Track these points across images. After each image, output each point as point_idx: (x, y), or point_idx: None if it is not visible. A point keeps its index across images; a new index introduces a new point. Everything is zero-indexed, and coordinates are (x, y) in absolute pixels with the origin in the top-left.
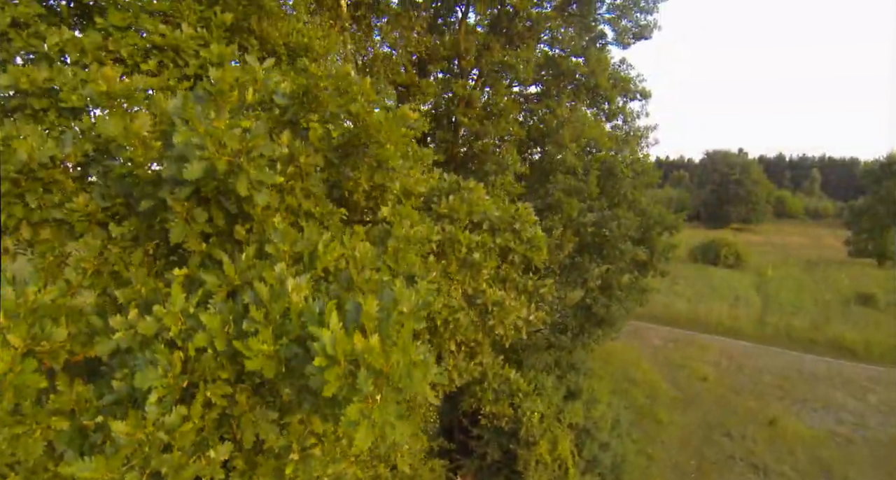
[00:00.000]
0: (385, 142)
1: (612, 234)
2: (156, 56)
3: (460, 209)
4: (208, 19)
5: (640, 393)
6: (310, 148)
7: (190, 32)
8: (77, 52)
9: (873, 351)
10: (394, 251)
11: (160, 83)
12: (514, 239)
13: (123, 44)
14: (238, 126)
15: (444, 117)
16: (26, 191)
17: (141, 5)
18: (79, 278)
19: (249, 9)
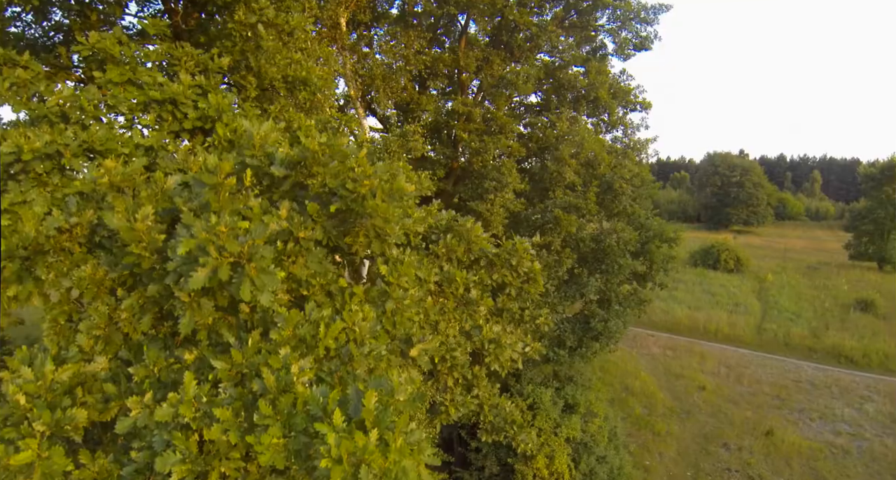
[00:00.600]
0: (383, 218)
1: (610, 249)
2: (154, 109)
3: (458, 248)
4: (205, 64)
5: (638, 403)
6: (308, 220)
7: (188, 80)
8: (77, 110)
9: (872, 360)
10: (391, 313)
11: (159, 139)
12: (510, 273)
13: (122, 99)
14: (239, 228)
15: (443, 132)
16: (35, 263)
17: (138, 58)
18: (90, 342)
19: (247, 46)
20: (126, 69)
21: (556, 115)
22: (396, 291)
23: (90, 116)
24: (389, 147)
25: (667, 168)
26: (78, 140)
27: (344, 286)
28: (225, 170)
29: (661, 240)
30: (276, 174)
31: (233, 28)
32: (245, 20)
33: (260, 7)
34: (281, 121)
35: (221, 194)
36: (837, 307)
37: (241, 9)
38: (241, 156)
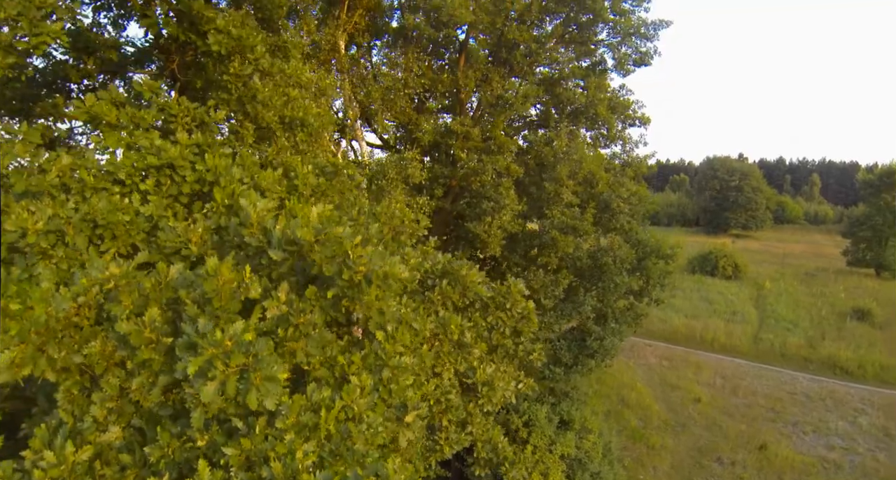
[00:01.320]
0: (378, 310)
1: (607, 267)
2: (153, 174)
3: (453, 295)
4: (202, 117)
5: (634, 415)
6: (307, 303)
7: (184, 139)
8: (77, 183)
9: (867, 371)
10: (387, 381)
11: (160, 206)
12: (504, 314)
13: (120, 165)
14: (244, 342)
15: (441, 151)
16: (47, 343)
17: (136, 121)
18: (104, 413)
19: (244, 95)
20: (125, 135)
21: (555, 132)
22: (393, 359)
23: (90, 189)
24: (387, 173)
25: (666, 170)
26: (80, 213)
27: (342, 361)
28: (224, 274)
29: (658, 257)
30: (274, 257)
31: (228, 80)
32: (240, 72)
33: (255, 57)
34: (278, 166)
35: (223, 294)
36: (834, 315)
37: (237, 59)
38: (240, 232)
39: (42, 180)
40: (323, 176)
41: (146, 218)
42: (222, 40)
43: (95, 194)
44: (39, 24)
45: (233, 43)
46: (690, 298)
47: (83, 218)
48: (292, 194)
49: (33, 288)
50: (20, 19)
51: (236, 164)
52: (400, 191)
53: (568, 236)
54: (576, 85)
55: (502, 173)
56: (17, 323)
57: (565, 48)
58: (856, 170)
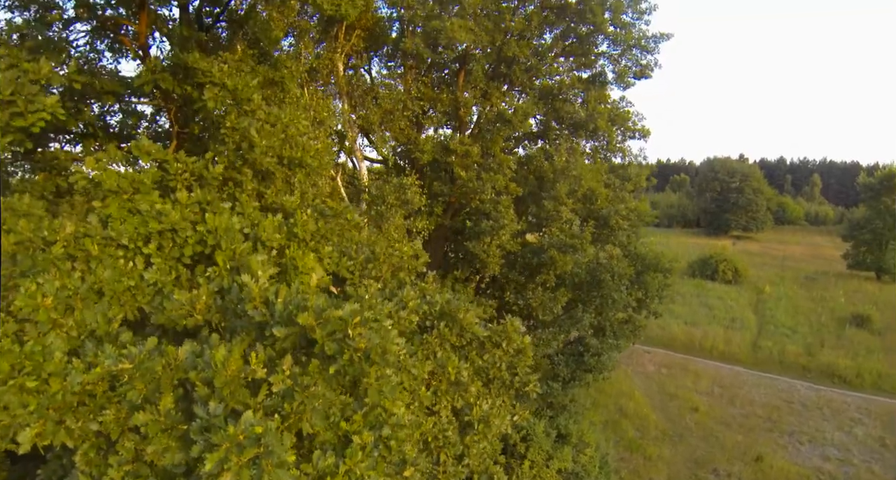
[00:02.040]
0: (378, 388)
1: (605, 283)
2: (155, 239)
3: (451, 337)
4: (200, 172)
5: (631, 425)
6: (310, 377)
7: (184, 198)
8: (81, 251)
9: (865, 379)
10: (387, 438)
11: (163, 271)
12: (500, 351)
13: (123, 230)
14: (255, 434)
15: (441, 168)
16: (64, 414)
17: (136, 186)
18: (120, 475)
19: (242, 145)
20: (125, 199)
21: (555, 146)
22: (392, 418)
23: (95, 259)
24: (387, 198)
25: (667, 170)
26: (87, 283)
27: (345, 427)
28: (232, 367)
29: (657, 270)
30: (277, 335)
31: (225, 133)
32: (237, 125)
33: (252, 109)
34: (278, 209)
35: (232, 382)
36: (833, 321)
37: (233, 112)
38: (243, 307)
39: (48, 255)
40: (322, 219)
41: (151, 285)
42: (218, 95)
43: (100, 263)
44: (36, 100)
45: (228, 96)
46: (690, 304)
47: (90, 288)
48: (292, 240)
49: (47, 361)
50: (15, 97)
51: (236, 213)
52: (400, 216)
53: (566, 255)
54: (576, 94)
55: (501, 192)
56: (34, 398)
57: (565, 58)
58: (857, 170)
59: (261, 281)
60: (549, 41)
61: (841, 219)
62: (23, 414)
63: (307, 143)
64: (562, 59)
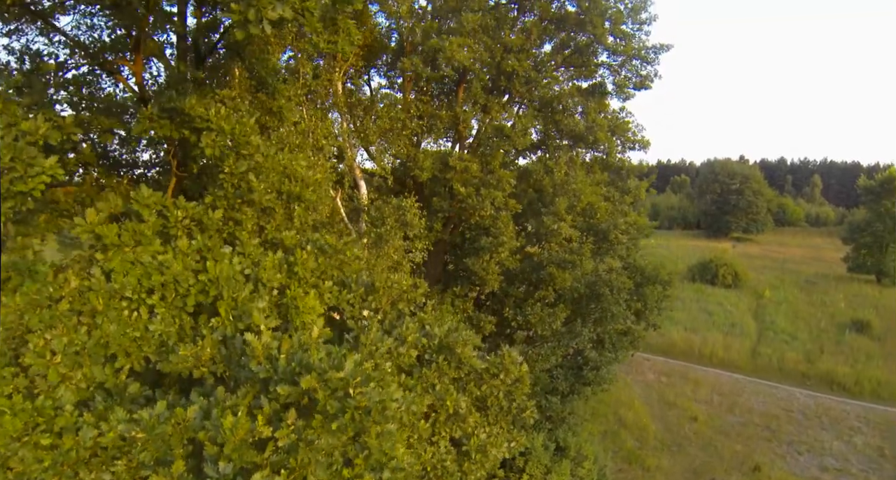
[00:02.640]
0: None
1: (604, 297)
2: (158, 290)
3: (449, 371)
4: (200, 217)
5: (630, 435)
6: (314, 431)
7: (185, 246)
8: (86, 305)
9: (864, 387)
10: None
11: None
12: (498, 381)
13: (126, 283)
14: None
15: (440, 184)
16: (78, 468)
17: (137, 239)
18: None
19: (242, 188)
20: (127, 252)
21: (554, 160)
22: (391, 462)
23: (101, 314)
24: (386, 221)
25: (667, 171)
26: (94, 338)
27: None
28: (240, 434)
29: (656, 282)
30: (281, 393)
31: (224, 178)
32: (235, 170)
33: (250, 153)
34: (278, 245)
35: (241, 445)
36: (833, 327)
37: (231, 157)
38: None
39: (55, 312)
40: (322, 255)
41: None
42: (216, 140)
43: (105, 317)
44: (35, 163)
45: (226, 141)
46: (689, 309)
47: (97, 342)
48: (292, 279)
49: (58, 416)
50: (15, 163)
51: (237, 253)
52: (399, 237)
53: (565, 271)
54: (575, 103)
55: (501, 207)
56: (48, 453)
57: (565, 67)
58: (858, 170)
59: (263, 337)
60: (548, 50)
61: (841, 220)
62: (38, 470)
63: (306, 175)
64: (562, 68)
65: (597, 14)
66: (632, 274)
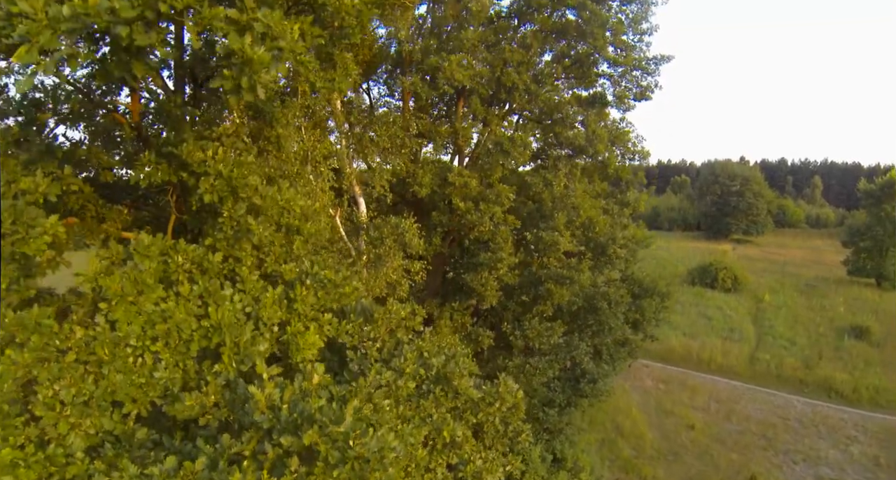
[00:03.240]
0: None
1: (602, 311)
2: (162, 337)
3: (446, 402)
4: (201, 261)
5: (627, 444)
6: (315, 478)
7: (186, 291)
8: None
9: (862, 395)
10: None
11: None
12: (494, 408)
13: (131, 332)
14: None
15: (440, 199)
16: None
17: (139, 288)
18: None
19: (241, 231)
20: (129, 302)
21: (554, 173)
22: None
23: (107, 365)
24: (385, 241)
25: (668, 171)
26: (100, 388)
27: None
28: None
29: (654, 294)
30: (284, 443)
31: (223, 222)
32: (234, 213)
33: (248, 195)
34: (277, 279)
35: None
36: (832, 332)
37: (229, 201)
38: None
39: (62, 364)
40: (322, 289)
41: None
42: (216, 185)
43: (112, 367)
44: (36, 223)
45: (224, 185)
46: (689, 313)
47: (104, 391)
48: (292, 314)
49: (70, 465)
50: (17, 226)
51: (237, 290)
52: (398, 259)
53: (563, 287)
54: (576, 112)
55: (500, 223)
56: None
57: (565, 75)
58: (858, 171)
59: (266, 389)
60: (549, 60)
61: (842, 221)
62: None
63: (305, 205)
64: (563, 77)
65: (597, 25)
66: (630, 285)
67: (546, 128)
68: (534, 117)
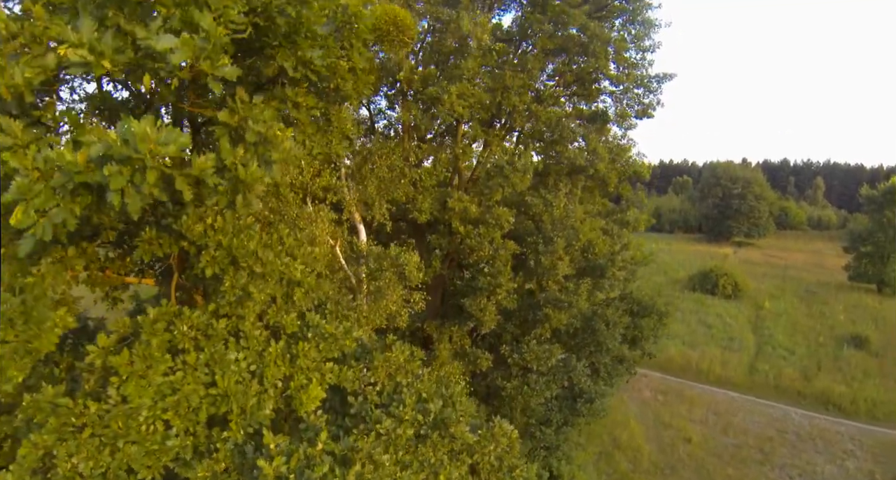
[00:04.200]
0: None
1: (600, 332)
2: (172, 407)
3: (443, 446)
4: (206, 329)
5: (624, 457)
6: None
7: (193, 360)
8: (106, 428)
9: (859, 407)
10: None
11: (182, 438)
12: (490, 449)
13: (142, 403)
14: None
15: (439, 222)
16: None
17: (148, 363)
18: None
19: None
20: (140, 380)
21: (554, 193)
22: None
23: (122, 437)
24: (385, 274)
25: (669, 171)
26: (116, 460)
27: None
28: None
29: (652, 313)
30: None
31: (225, 291)
32: (236, 283)
33: (249, 265)
34: (280, 335)
35: None
36: (832, 341)
37: (230, 272)
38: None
39: (79, 440)
40: (323, 342)
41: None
42: (216, 257)
43: (126, 439)
44: (45, 317)
45: (225, 256)
46: (688, 322)
47: (119, 464)
48: (295, 369)
49: None
50: (28, 325)
51: (241, 349)
52: (398, 292)
53: (561, 312)
54: (577, 126)
55: (499, 247)
56: None
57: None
58: (861, 172)
59: (275, 462)
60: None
61: (843, 223)
62: None
63: (305, 253)
64: (566, 94)
65: (599, 44)
66: (629, 304)
67: (547, 146)
68: (534, 134)
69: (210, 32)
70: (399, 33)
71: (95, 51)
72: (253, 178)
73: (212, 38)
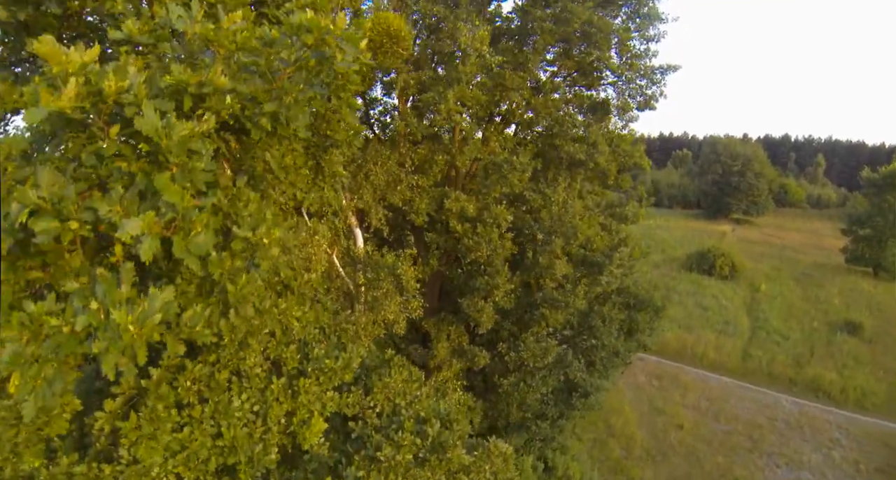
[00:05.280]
0: None
1: (597, 329)
2: (182, 462)
3: (440, 469)
4: (209, 382)
5: (618, 444)
6: None
7: (198, 413)
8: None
9: (849, 396)
10: None
11: None
12: (486, 468)
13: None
14: None
15: (436, 221)
16: None
17: (156, 426)
18: None
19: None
20: (149, 441)
21: (553, 188)
22: None
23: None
24: (382, 284)
25: (669, 144)
26: None
27: None
28: None
29: (649, 308)
30: None
31: (226, 345)
32: (235, 338)
33: (247, 317)
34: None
35: None
36: (826, 326)
37: (227, 327)
38: None
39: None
40: (323, 375)
41: None
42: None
43: None
44: (54, 403)
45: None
46: (685, 303)
47: None
48: (297, 404)
49: None
50: (38, 419)
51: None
52: (396, 301)
53: (558, 311)
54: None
55: (497, 247)
56: None
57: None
58: (862, 150)
59: None
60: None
61: (843, 202)
62: None
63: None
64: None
65: (601, 35)
66: (625, 298)
67: (546, 139)
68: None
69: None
70: (393, 44)
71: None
72: (244, 294)
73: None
